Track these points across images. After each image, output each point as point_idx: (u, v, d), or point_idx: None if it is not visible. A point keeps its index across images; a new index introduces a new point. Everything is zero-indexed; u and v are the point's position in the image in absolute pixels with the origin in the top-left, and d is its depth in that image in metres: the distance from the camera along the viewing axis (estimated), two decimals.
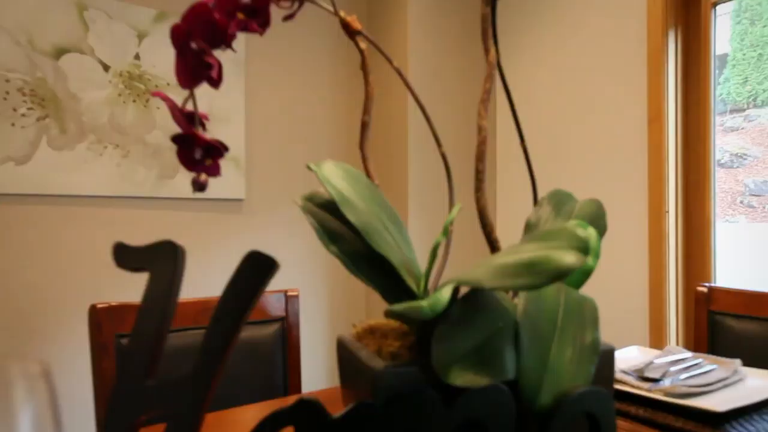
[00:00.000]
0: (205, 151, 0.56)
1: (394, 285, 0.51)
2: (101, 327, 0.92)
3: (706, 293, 1.20)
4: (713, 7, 2.11)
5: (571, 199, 0.65)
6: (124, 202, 2.09)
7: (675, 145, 2.12)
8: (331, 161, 0.54)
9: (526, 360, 0.47)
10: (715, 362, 0.87)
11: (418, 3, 2.45)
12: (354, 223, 0.49)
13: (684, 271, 2.11)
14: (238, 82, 2.31)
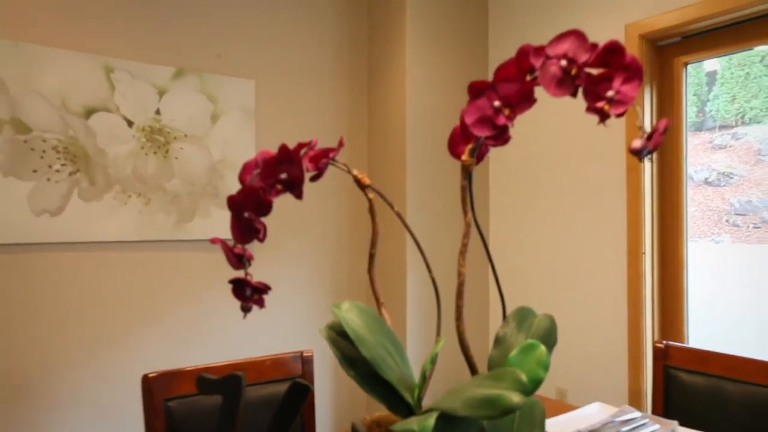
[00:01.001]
0: (253, 290, 0.74)
1: (396, 398, 0.70)
2: (152, 393, 1.10)
3: (663, 349, 1.39)
4: (684, 65, 2.31)
5: (532, 314, 0.84)
6: (147, 245, 2.28)
7: (651, 192, 2.31)
8: (348, 302, 0.74)
9: None
10: (657, 422, 1.06)
11: (415, 33, 2.65)
12: (366, 356, 0.68)
13: (660, 308, 2.30)
14: (248, 131, 2.50)
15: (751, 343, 4.87)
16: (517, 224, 2.76)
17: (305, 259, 2.68)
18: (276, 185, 0.76)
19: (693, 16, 2.12)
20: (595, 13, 2.46)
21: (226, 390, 0.66)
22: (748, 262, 5.08)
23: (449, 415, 0.64)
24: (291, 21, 2.66)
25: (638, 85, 0.68)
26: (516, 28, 2.80)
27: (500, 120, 0.72)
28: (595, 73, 0.71)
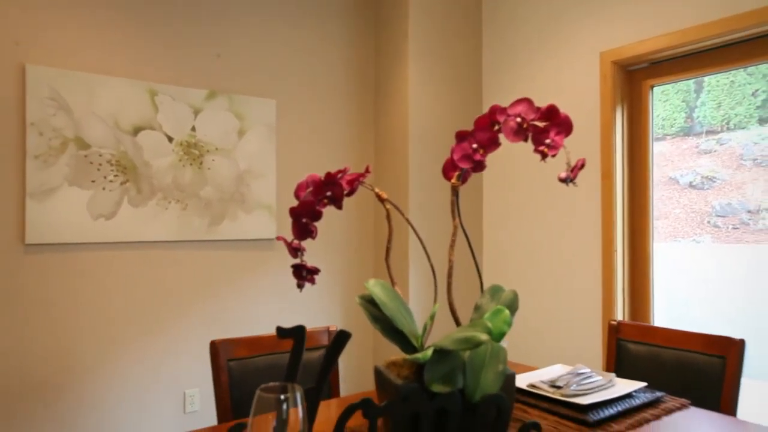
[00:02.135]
0: (307, 271, 1.09)
1: (406, 342, 1.05)
2: (218, 354, 1.45)
3: (615, 325, 1.74)
4: (651, 88, 2.66)
5: (501, 289, 1.18)
6: (184, 245, 2.63)
7: (622, 197, 2.66)
8: (374, 280, 1.08)
9: (468, 380, 1.01)
10: (600, 375, 1.41)
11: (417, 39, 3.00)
12: (386, 314, 1.03)
13: (630, 297, 2.65)
14: (270, 145, 2.85)
15: (717, 328, 5.20)
16: (508, 225, 3.11)
17: (332, 254, 3.03)
18: (323, 200, 1.11)
19: (658, 46, 2.47)
20: (574, 42, 2.81)
21: (297, 335, 1.00)
22: (726, 261, 5.43)
23: (441, 349, 0.99)
24: (306, 47, 3.02)
25: (565, 136, 1.03)
26: (506, 53, 3.15)
27: (477, 157, 1.07)
28: (540, 126, 1.06)
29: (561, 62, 2.87)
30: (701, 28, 2.30)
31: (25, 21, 2.25)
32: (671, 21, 2.42)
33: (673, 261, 5.89)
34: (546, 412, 1.26)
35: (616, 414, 1.23)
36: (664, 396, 1.36)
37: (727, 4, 2.23)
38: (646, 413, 1.26)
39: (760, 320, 4.47)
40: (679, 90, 8.47)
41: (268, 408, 0.79)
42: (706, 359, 1.52)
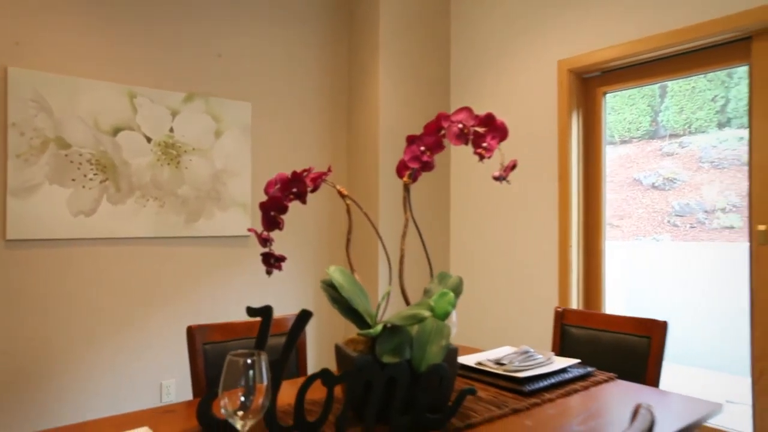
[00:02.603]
0: (275, 258, 1.23)
1: (362, 321, 1.20)
2: (195, 338, 1.57)
3: (561, 312, 1.91)
4: (603, 95, 2.85)
5: (448, 275, 1.34)
6: (161, 241, 2.73)
7: (577, 197, 2.85)
8: (334, 266, 1.23)
9: (415, 352, 1.16)
10: (540, 353, 1.57)
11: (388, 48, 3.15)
12: (344, 296, 1.17)
13: (584, 288, 2.84)
14: (245, 145, 2.97)
15: (672, 321, 5.49)
16: (474, 222, 3.28)
17: (305, 251, 3.16)
18: (290, 195, 1.25)
19: (611, 56, 2.66)
20: (534, 51, 2.99)
21: (264, 313, 1.14)
22: (683, 258, 5.70)
23: (391, 325, 1.14)
24: (282, 51, 3.14)
25: (500, 141, 1.19)
26: (473, 59, 3.32)
27: (424, 158, 1.23)
28: (479, 131, 1.21)
29: (522, 69, 3.05)
30: (648, 40, 2.49)
31: (6, 25, 2.33)
32: (621, 33, 2.61)
33: (635, 258, 6.16)
34: (489, 385, 1.42)
35: (549, 385, 1.40)
36: (594, 371, 1.54)
37: (669, 20, 2.43)
38: (576, 385, 1.43)
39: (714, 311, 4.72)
40: (645, 95, 8.88)
41: (237, 371, 0.93)
42: (636, 339, 1.69)
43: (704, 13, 2.31)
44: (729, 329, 3.09)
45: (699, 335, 5.13)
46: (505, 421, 1.20)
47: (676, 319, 5.64)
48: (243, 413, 0.92)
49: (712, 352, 4.52)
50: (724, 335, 4.10)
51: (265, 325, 1.13)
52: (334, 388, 1.15)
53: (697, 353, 4.96)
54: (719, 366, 4.25)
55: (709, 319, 5.09)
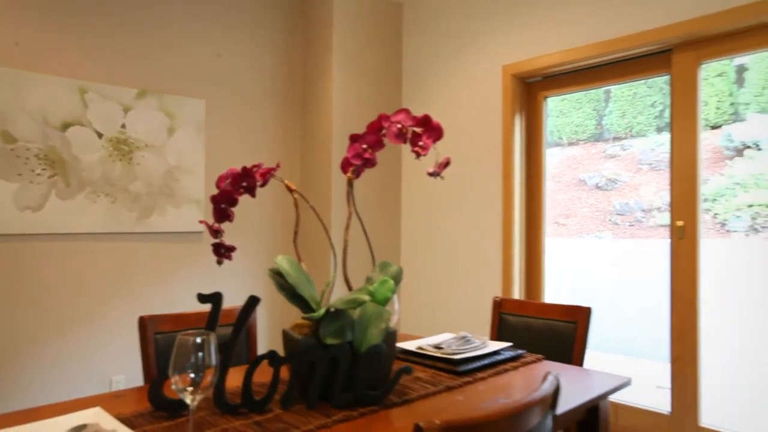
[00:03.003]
0: (225, 248, 1.31)
1: (307, 306, 1.29)
2: (146, 328, 1.61)
3: (498, 301, 2.05)
4: (544, 99, 3.02)
5: (389, 264, 1.44)
6: (113, 237, 2.73)
7: (520, 195, 3.01)
8: (282, 255, 1.31)
9: (356, 334, 1.26)
10: (477, 338, 1.70)
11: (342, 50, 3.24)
12: (291, 283, 1.26)
13: (525, 281, 3.01)
14: (199, 142, 3.00)
15: (605, 307, 5.84)
16: (423, 217, 3.41)
17: (253, 239, 3.20)
18: (240, 189, 1.32)
19: (551, 62, 2.82)
20: (480, 56, 3.14)
21: (214, 299, 1.21)
22: (621, 253, 6.04)
23: (334, 309, 1.23)
24: (236, 49, 3.18)
25: (435, 140, 1.30)
26: (424, 61, 3.45)
27: (366, 155, 1.32)
28: (416, 131, 1.32)
29: (470, 72, 3.19)
30: (584, 49, 2.67)
31: None
32: (560, 41, 2.79)
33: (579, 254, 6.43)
34: (428, 367, 1.54)
35: (481, 366, 1.52)
36: (524, 353, 1.67)
37: (603, 31, 2.61)
38: (507, 365, 1.56)
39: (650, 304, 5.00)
40: (591, 99, 9.24)
41: (187, 350, 1.00)
42: (563, 324, 1.85)
43: (633, 26, 2.50)
44: (664, 320, 3.32)
45: (638, 327, 5.44)
46: (439, 396, 1.31)
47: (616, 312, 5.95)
48: (193, 389, 0.99)
49: (650, 342, 4.79)
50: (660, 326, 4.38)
51: (215, 310, 1.20)
52: (281, 369, 1.24)
53: (636, 344, 5.27)
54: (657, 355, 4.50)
55: (647, 311, 5.40)
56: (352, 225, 2.88)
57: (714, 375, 2.81)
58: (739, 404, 3.84)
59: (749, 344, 4.82)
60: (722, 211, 5.77)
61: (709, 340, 2.46)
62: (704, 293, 2.41)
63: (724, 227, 5.59)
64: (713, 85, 6.87)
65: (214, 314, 1.20)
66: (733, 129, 6.30)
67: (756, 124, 5.91)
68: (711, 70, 7.69)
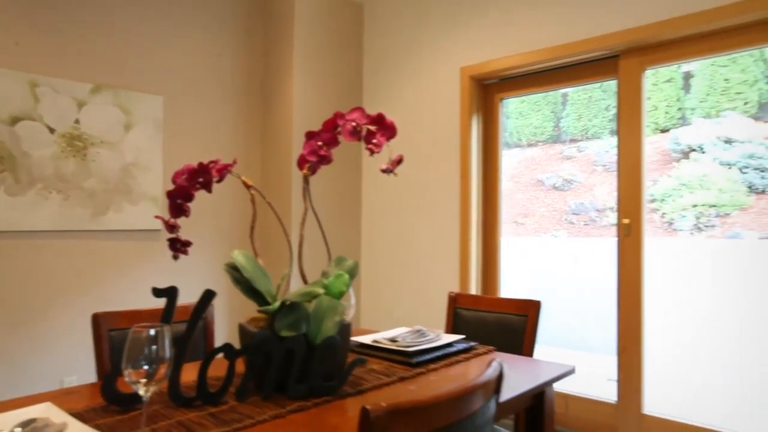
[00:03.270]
0: (181, 243, 1.31)
1: (263, 300, 1.31)
2: (100, 325, 1.60)
3: (454, 296, 2.11)
4: (500, 100, 3.11)
5: (345, 259, 1.48)
6: (66, 234, 2.67)
7: (477, 192, 3.09)
8: (238, 250, 1.33)
9: (311, 326, 1.29)
10: (431, 331, 1.75)
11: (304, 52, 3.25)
12: (246, 276, 1.28)
13: (482, 277, 3.09)
14: (157, 139, 2.96)
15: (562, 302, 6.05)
16: (383, 213, 3.45)
17: (213, 236, 3.18)
18: (196, 185, 1.33)
19: (506, 65, 2.91)
20: (438, 58, 3.21)
21: (169, 293, 1.22)
22: (576, 251, 6.25)
23: (289, 302, 1.26)
24: (195, 46, 3.15)
25: (389, 138, 1.34)
26: (384, 61, 3.49)
27: (321, 152, 1.36)
28: (371, 129, 1.36)
29: (430, 73, 3.26)
30: (538, 53, 2.77)
31: None
32: (516, 45, 2.88)
33: (536, 252, 6.60)
34: (383, 359, 1.58)
35: (434, 357, 1.57)
36: (476, 345, 1.74)
37: (556, 36, 2.72)
38: (459, 357, 1.62)
39: (606, 300, 5.20)
40: (549, 102, 9.50)
41: (141, 342, 1.01)
42: (515, 318, 1.92)
43: (583, 32, 2.61)
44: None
45: (593, 323, 5.64)
46: (392, 387, 1.36)
47: (572, 309, 6.12)
48: (146, 381, 1.00)
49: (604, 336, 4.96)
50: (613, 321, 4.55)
51: (170, 304, 1.21)
52: (236, 362, 1.26)
53: (591, 339, 5.46)
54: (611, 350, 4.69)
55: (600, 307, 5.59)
56: (311, 221, 2.89)
57: (657, 365, 2.95)
58: (681, 392, 4.04)
59: (692, 336, 5.07)
60: (669, 211, 6.03)
61: (654, 332, 2.59)
62: (652, 288, 2.54)
63: (671, 226, 5.85)
64: (662, 90, 7.18)
65: (169, 308, 1.21)
66: (680, 133, 6.60)
67: (700, 128, 6.21)
68: (660, 75, 8.04)
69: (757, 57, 6.46)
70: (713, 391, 4.12)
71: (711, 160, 6.33)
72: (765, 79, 6.12)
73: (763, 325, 4.69)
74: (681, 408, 2.91)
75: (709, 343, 4.87)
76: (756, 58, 6.50)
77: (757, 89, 6.18)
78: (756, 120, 6.17)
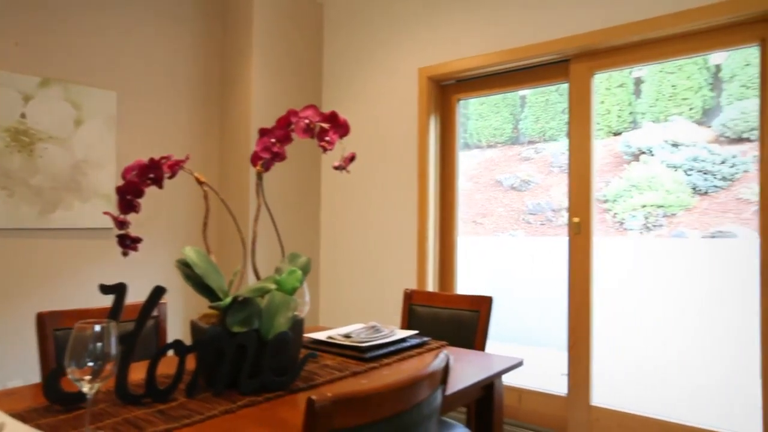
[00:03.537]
0: (131, 240, 1.30)
1: (215, 296, 1.31)
2: (45, 324, 1.55)
3: (409, 293, 2.14)
4: (457, 101, 3.17)
5: (299, 255, 1.48)
6: (10, 233, 2.58)
7: (434, 192, 3.14)
8: (189, 247, 1.32)
9: (264, 322, 1.29)
10: (385, 327, 1.78)
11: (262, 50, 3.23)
12: (197, 273, 1.27)
13: (439, 275, 3.14)
14: (110, 135, 2.89)
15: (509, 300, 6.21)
16: (342, 212, 3.46)
17: (167, 233, 3.12)
18: (147, 180, 1.32)
19: (463, 66, 2.97)
20: (397, 58, 3.24)
21: (117, 290, 1.20)
22: (533, 250, 6.41)
23: (242, 298, 1.26)
24: (151, 41, 3.09)
25: (341, 136, 1.36)
26: (344, 61, 3.51)
27: (274, 149, 1.36)
28: (324, 127, 1.37)
29: (389, 73, 3.29)
30: (494, 55, 2.83)
31: None
32: (473, 47, 2.94)
33: (494, 251, 6.73)
34: (337, 355, 1.59)
35: (388, 353, 1.60)
36: (429, 340, 1.77)
37: (511, 39, 2.79)
38: (412, 352, 1.65)
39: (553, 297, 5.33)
40: (508, 104, 9.66)
41: (84, 340, 0.99)
42: (468, 313, 1.97)
43: (536, 36, 2.69)
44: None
45: (551, 320, 5.80)
46: (344, 381, 1.37)
47: (530, 306, 6.29)
48: (91, 378, 0.99)
49: (560, 333, 5.10)
50: None
51: (118, 300, 1.20)
52: (187, 359, 1.25)
53: (547, 335, 5.62)
54: (565, 346, 4.82)
55: (556, 304, 5.75)
56: (267, 218, 2.88)
57: (606, 359, 3.06)
58: (627, 384, 4.20)
59: (640, 330, 5.27)
60: (621, 211, 6.26)
61: (603, 328, 2.69)
62: (603, 285, 2.63)
63: (622, 226, 6.08)
64: (615, 94, 7.44)
65: (117, 305, 1.19)
66: (631, 136, 6.85)
67: (650, 131, 6.47)
68: (613, 80, 8.29)
69: (701, 65, 6.77)
70: (659, 382, 4.31)
71: (659, 162, 6.60)
72: (708, 86, 6.42)
73: (706, 318, 4.93)
74: (627, 399, 3.03)
75: (656, 337, 5.09)
76: (700, 66, 6.82)
77: (701, 96, 6.48)
78: (700, 125, 6.47)
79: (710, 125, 5.70)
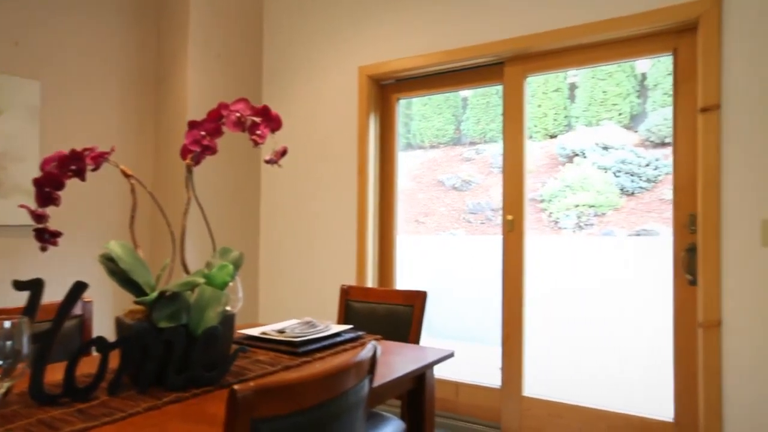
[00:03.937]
0: (49, 234, 1.25)
1: (141, 291, 1.27)
2: None
3: (345, 289, 2.16)
4: (397, 100, 3.21)
5: (230, 250, 1.47)
6: None
7: (374, 188, 3.16)
8: (114, 241, 1.28)
9: (193, 317, 1.27)
10: (321, 322, 1.79)
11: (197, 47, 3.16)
12: (123, 267, 1.24)
13: (378, 271, 3.17)
14: (33, 127, 2.74)
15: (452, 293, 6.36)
16: (282, 208, 3.44)
17: (95, 229, 2.99)
18: (68, 173, 1.27)
19: (403, 66, 3.01)
20: (338, 57, 3.25)
21: (33, 286, 1.15)
22: (473, 249, 6.59)
23: (169, 293, 1.24)
24: (80, 28, 2.96)
25: (273, 130, 1.35)
26: (285, 58, 3.48)
27: (204, 142, 1.34)
28: (255, 120, 1.36)
29: (329, 71, 3.29)
30: (432, 56, 2.89)
31: None
32: (411, 47, 2.99)
33: (435, 250, 6.87)
34: (270, 351, 1.59)
35: (321, 347, 1.61)
36: (364, 334, 1.79)
37: (446, 40, 2.85)
38: (347, 346, 1.66)
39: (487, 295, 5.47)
40: (451, 105, 9.85)
41: None
42: (403, 308, 2.00)
43: (472, 38, 2.77)
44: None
45: (490, 316, 5.96)
46: (276, 375, 1.37)
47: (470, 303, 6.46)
48: (0, 377, 0.94)
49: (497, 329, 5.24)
50: None
51: (34, 297, 1.15)
52: (111, 357, 1.21)
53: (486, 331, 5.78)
54: None
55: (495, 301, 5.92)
56: (198, 213, 2.81)
57: (537, 351, 3.19)
58: (557, 375, 4.39)
59: (570, 322, 5.52)
60: (555, 211, 6.54)
61: (534, 321, 2.81)
62: (537, 281, 2.74)
63: (557, 225, 6.35)
64: (551, 98, 7.74)
65: (33, 302, 1.14)
66: (565, 138, 7.15)
67: (583, 135, 6.78)
68: (549, 85, 8.60)
69: (629, 73, 7.16)
70: (586, 372, 4.52)
71: (591, 164, 6.92)
72: (636, 93, 6.80)
73: (632, 311, 5.22)
74: (557, 389, 3.17)
75: (586, 330, 5.34)
76: (628, 73, 7.21)
77: (629, 102, 6.85)
78: (628, 129, 6.84)
79: (637, 130, 6.05)
